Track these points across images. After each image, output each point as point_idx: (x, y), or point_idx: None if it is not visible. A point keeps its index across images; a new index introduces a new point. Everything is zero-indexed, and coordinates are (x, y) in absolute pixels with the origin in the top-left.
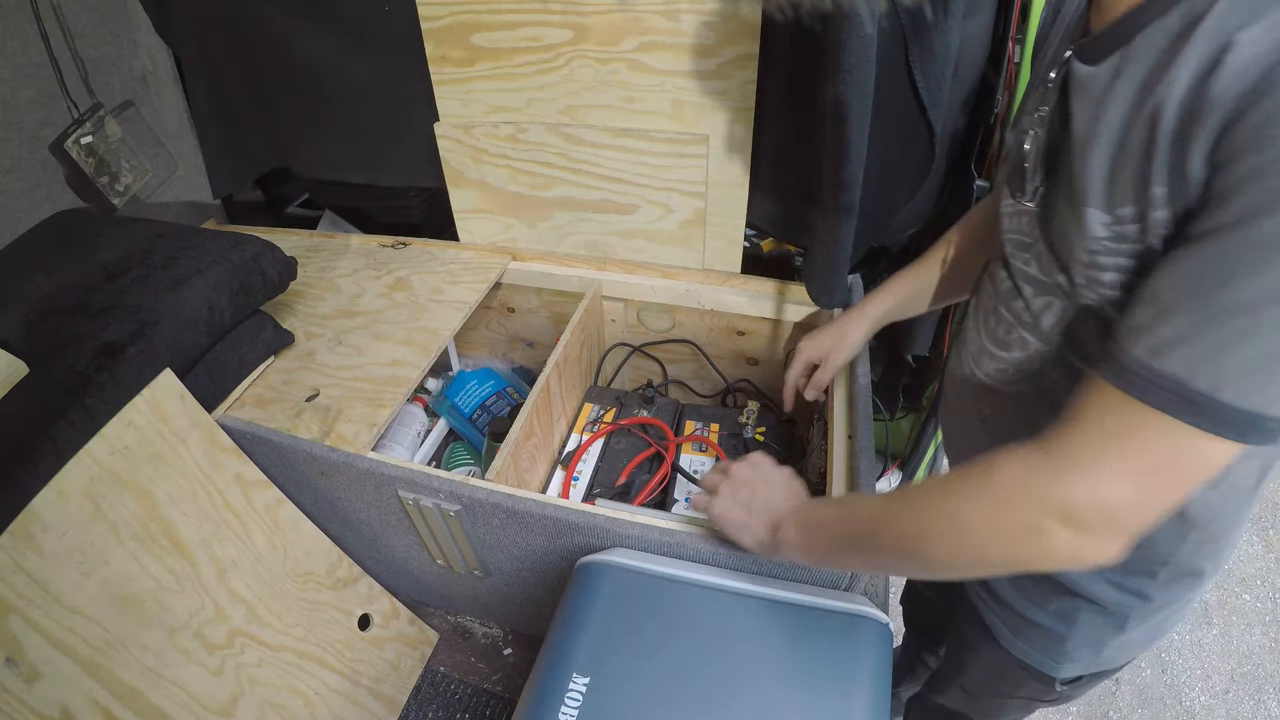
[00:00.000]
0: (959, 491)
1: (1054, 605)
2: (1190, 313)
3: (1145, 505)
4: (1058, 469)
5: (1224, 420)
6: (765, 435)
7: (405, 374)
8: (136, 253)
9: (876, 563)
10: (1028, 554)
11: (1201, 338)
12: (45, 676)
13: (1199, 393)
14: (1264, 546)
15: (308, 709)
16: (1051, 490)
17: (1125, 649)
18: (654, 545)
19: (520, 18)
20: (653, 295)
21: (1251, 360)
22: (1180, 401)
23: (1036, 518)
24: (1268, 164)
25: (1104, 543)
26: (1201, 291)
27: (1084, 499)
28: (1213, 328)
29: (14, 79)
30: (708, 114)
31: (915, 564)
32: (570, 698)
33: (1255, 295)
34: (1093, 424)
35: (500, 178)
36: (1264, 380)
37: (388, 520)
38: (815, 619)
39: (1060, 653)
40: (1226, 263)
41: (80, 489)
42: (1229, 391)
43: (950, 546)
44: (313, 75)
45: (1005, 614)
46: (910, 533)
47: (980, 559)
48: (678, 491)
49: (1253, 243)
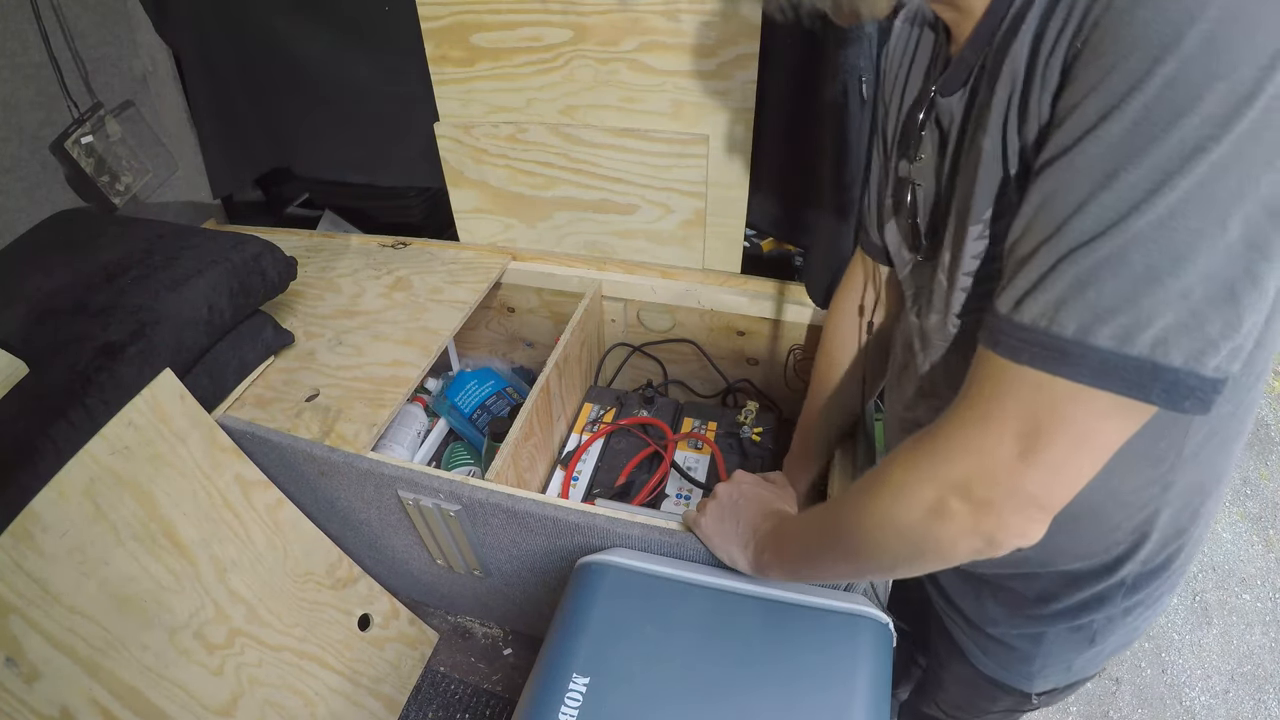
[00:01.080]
0: (870, 487)
1: (1020, 629)
2: (1044, 253)
3: (1040, 469)
4: (943, 445)
5: (1106, 370)
6: (762, 435)
7: (405, 374)
8: (136, 253)
9: (837, 570)
10: (939, 538)
11: (1059, 276)
12: (45, 676)
13: (1065, 339)
14: (1264, 546)
15: (308, 709)
16: (940, 467)
17: (1097, 660)
18: (654, 545)
19: (520, 18)
20: (653, 295)
21: (1122, 292)
22: (1047, 353)
23: (934, 497)
24: (1105, 66)
25: (1011, 518)
26: (1050, 224)
27: (972, 469)
28: (1068, 263)
29: (14, 79)
30: (708, 114)
31: (862, 564)
32: (570, 698)
33: (1109, 212)
34: (973, 394)
35: (500, 178)
36: (1146, 316)
37: (388, 520)
38: (815, 619)
39: (1030, 671)
40: (1076, 184)
41: (80, 489)
42: (1104, 333)
43: (877, 542)
44: (313, 75)
45: (974, 634)
46: (847, 535)
47: (906, 552)
48: (669, 487)
49: (1099, 153)
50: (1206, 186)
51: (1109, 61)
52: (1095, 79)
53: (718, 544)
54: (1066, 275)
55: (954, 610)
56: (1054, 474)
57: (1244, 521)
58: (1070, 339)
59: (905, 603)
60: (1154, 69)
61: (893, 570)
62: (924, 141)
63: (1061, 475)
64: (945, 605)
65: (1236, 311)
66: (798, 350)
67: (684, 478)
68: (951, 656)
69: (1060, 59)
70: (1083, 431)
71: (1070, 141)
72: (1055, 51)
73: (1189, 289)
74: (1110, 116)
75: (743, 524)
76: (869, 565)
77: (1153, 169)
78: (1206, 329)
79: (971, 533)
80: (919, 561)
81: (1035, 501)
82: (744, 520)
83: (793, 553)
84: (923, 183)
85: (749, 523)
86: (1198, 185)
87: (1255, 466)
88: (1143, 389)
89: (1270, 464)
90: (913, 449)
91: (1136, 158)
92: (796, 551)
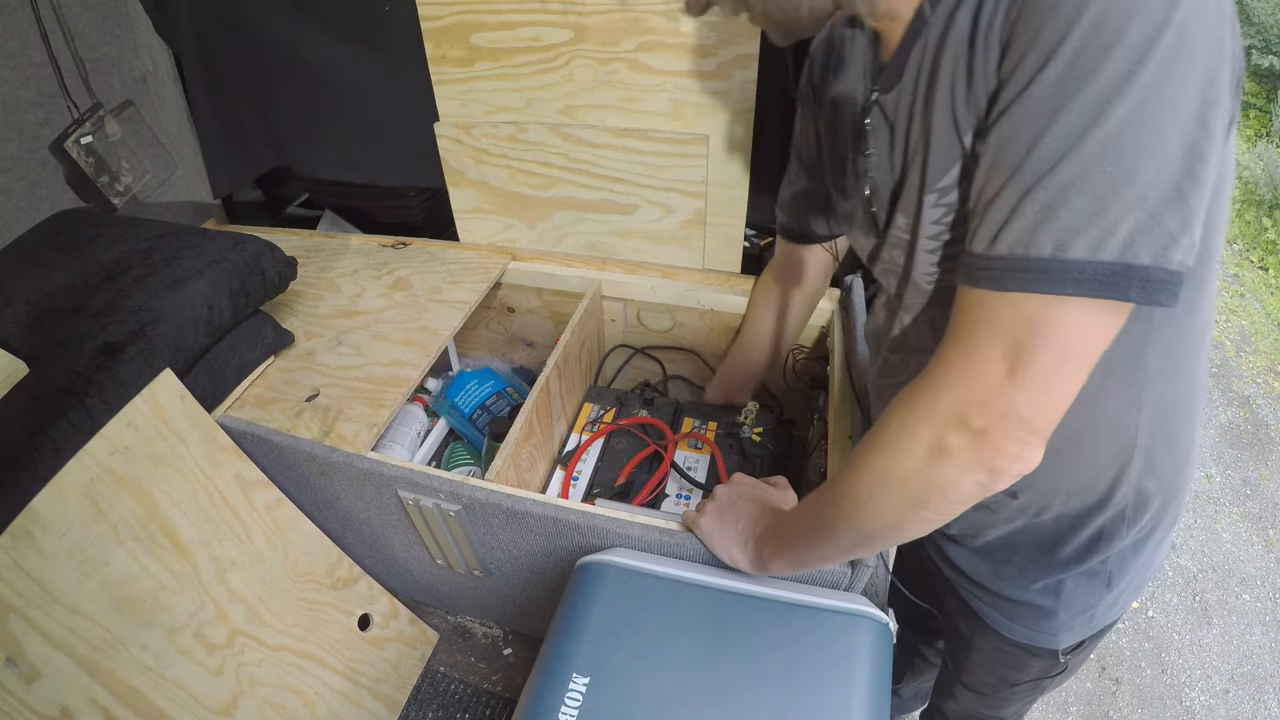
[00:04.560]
0: (867, 444)
1: (1039, 583)
2: (1009, 190)
3: (1028, 386)
4: (934, 384)
5: (1085, 278)
6: (762, 436)
7: (405, 374)
8: (136, 253)
9: (844, 543)
10: (942, 479)
11: (1027, 206)
12: (45, 676)
13: (1044, 259)
14: (1264, 546)
15: (307, 709)
16: (935, 403)
17: (1117, 605)
18: (654, 545)
19: (520, 18)
20: (653, 295)
21: (1090, 207)
22: (1028, 275)
23: (932, 436)
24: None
25: (1006, 442)
26: (1010, 164)
27: (964, 398)
28: (1035, 192)
29: (14, 79)
30: (708, 114)
31: (867, 528)
32: (570, 698)
33: (1063, 141)
34: (957, 331)
35: (500, 178)
36: (1113, 224)
37: (388, 520)
38: (815, 619)
39: (1055, 625)
40: (1028, 126)
41: (80, 489)
42: (1078, 246)
43: (880, 500)
44: (313, 75)
45: (993, 599)
46: (850, 500)
47: (909, 500)
48: (669, 487)
49: (1045, 95)
50: (1142, 106)
51: (1040, 19)
52: (1031, 36)
53: (717, 543)
54: (1036, 202)
55: (970, 583)
56: (1042, 390)
57: (1244, 521)
58: (1049, 258)
59: (922, 586)
60: (1080, 14)
61: (898, 530)
62: (870, 137)
63: (1049, 390)
64: (961, 579)
65: (1187, 207)
66: (797, 350)
67: (684, 478)
68: (975, 631)
69: (998, 31)
70: (1065, 341)
71: (1016, 91)
72: (993, 25)
73: (1143, 194)
74: (1049, 63)
75: (742, 523)
76: (873, 529)
77: (1093, 98)
78: (1166, 226)
79: (973, 464)
80: (924, 511)
81: (1026, 422)
82: (743, 520)
83: (794, 538)
84: (875, 174)
85: (748, 522)
86: (1134, 106)
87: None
88: (1119, 289)
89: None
90: (905, 397)
91: (1078, 90)
92: (797, 537)
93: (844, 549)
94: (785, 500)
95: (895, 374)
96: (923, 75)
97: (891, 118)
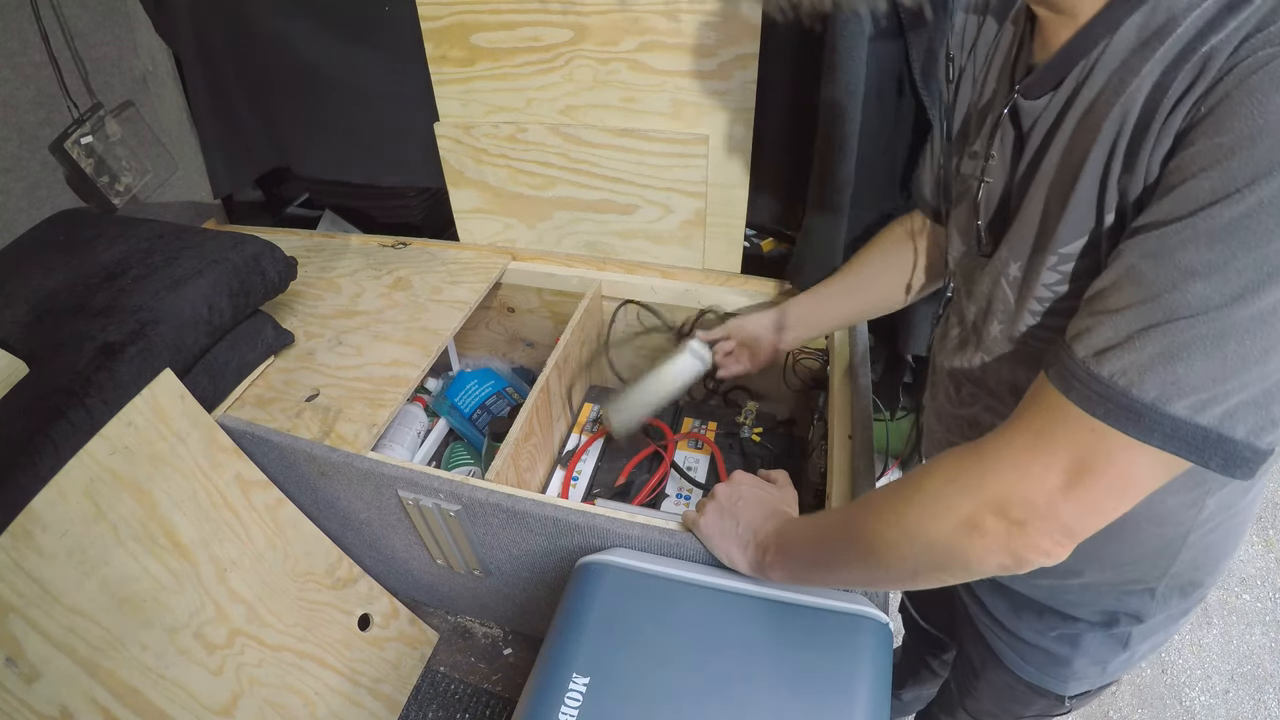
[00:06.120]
0: (902, 494)
1: (1057, 631)
2: (1135, 314)
3: (1079, 504)
4: (989, 464)
5: (1174, 435)
6: (762, 435)
7: (405, 374)
8: (136, 253)
9: (849, 577)
10: (967, 553)
11: (1148, 342)
12: (45, 676)
13: (1143, 403)
14: (1264, 546)
15: (307, 709)
16: (984, 484)
17: (1130, 662)
18: (654, 545)
19: (520, 18)
20: (653, 295)
21: (1211, 373)
22: (1121, 410)
23: (969, 512)
24: (1228, 146)
25: (1041, 540)
26: (1146, 289)
27: (1014, 490)
28: (1160, 332)
29: (14, 79)
30: (708, 114)
31: (880, 573)
32: (570, 698)
33: (1212, 296)
34: (1028, 421)
35: (500, 178)
36: (1225, 394)
37: (388, 520)
38: (815, 619)
39: (1067, 673)
40: (1180, 257)
41: (80, 489)
42: (1182, 404)
43: (900, 552)
44: (313, 75)
45: (1010, 639)
46: (868, 541)
47: (930, 562)
48: (669, 487)
49: (1210, 232)
50: None
51: (1232, 141)
52: (1215, 156)
53: (717, 543)
54: (1157, 343)
55: (989, 618)
56: (1090, 509)
57: None
58: (1148, 404)
59: (937, 610)
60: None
61: (908, 582)
62: (998, 140)
63: (1097, 512)
64: (980, 612)
65: None
66: (797, 350)
67: (684, 478)
68: (987, 664)
69: (1179, 120)
70: (1130, 477)
71: (1180, 212)
72: (1176, 111)
73: (1267, 375)
74: (1227, 200)
75: (742, 524)
76: (886, 575)
77: (1263, 263)
78: (1273, 409)
79: (1001, 550)
80: (939, 574)
81: (1066, 530)
82: (743, 520)
83: (800, 557)
84: (991, 179)
85: (748, 523)
86: None
87: None
88: (1202, 455)
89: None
90: (955, 462)
91: (1248, 249)
92: (804, 557)
93: (848, 582)
94: (786, 500)
95: (966, 406)
96: (1078, 105)
97: (1027, 129)
